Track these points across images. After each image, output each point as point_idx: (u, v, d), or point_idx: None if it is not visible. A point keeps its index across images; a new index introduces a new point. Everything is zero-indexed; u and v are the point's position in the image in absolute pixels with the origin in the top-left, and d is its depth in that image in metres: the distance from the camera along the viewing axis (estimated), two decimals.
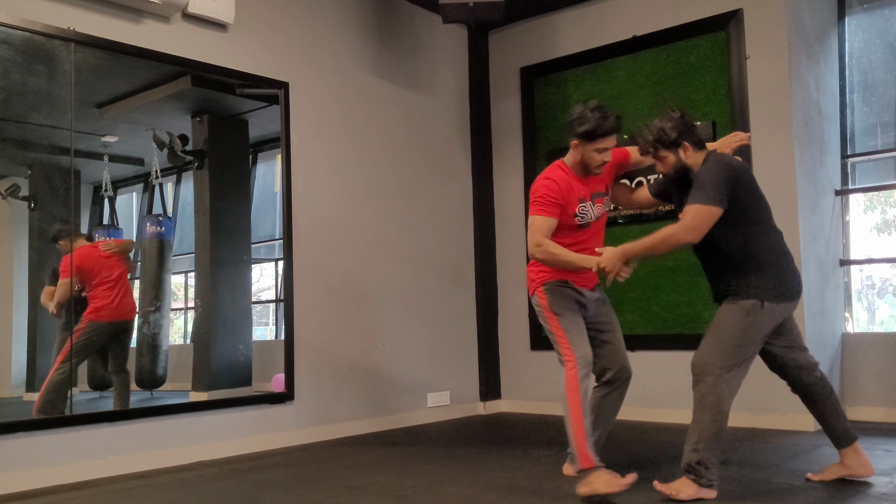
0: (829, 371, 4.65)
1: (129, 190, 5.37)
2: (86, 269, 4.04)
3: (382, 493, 3.14)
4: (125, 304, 4.07)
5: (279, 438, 4.42)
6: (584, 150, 3.10)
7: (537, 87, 5.77)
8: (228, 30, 4.38)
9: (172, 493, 3.31)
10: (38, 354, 4.32)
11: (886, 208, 5.12)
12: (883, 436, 4.15)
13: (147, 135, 4.76)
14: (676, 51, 5.05)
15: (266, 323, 5.47)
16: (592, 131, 3.05)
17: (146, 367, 4.84)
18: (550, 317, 3.16)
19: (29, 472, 3.44)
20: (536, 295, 3.23)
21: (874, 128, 5.03)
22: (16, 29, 3.55)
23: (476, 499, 3.01)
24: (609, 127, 3.06)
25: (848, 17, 5.13)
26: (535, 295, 3.23)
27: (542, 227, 3.07)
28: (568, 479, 3.28)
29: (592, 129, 3.05)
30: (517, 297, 5.76)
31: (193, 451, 4.03)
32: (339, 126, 4.96)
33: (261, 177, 5.22)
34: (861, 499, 2.81)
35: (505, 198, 5.91)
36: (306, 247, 4.67)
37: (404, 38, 5.47)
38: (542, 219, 3.08)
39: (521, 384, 5.73)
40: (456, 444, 4.40)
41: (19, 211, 4.37)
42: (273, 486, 3.37)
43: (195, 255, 4.88)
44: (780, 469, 3.36)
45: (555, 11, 5.64)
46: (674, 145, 3.00)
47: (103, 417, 3.78)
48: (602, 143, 3.08)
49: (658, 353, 4.93)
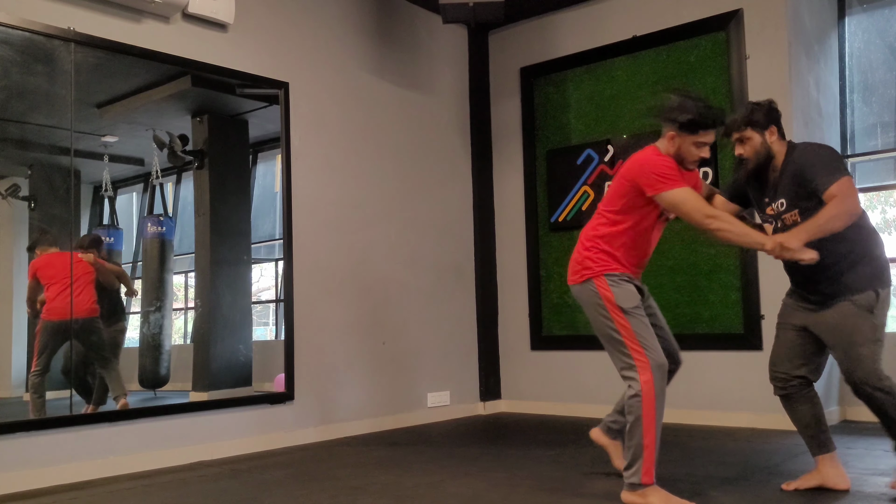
0: (830, 371, 4.64)
1: (129, 190, 5.38)
2: (41, 273, 4.08)
3: (382, 493, 3.14)
4: (79, 302, 4.03)
5: (279, 438, 4.42)
6: (683, 142, 2.83)
7: (537, 87, 5.77)
8: (228, 30, 4.38)
9: (173, 493, 3.31)
10: None
11: (886, 208, 5.13)
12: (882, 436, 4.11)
13: (147, 135, 4.76)
14: (676, 51, 5.06)
15: (266, 323, 5.47)
16: (695, 122, 2.79)
17: (148, 367, 4.85)
18: (618, 314, 2.82)
19: (29, 472, 3.44)
20: (595, 284, 2.86)
21: (874, 128, 5.03)
22: (16, 29, 3.55)
23: (476, 499, 3.01)
24: (713, 119, 2.82)
25: (848, 17, 5.13)
26: (593, 283, 2.87)
27: (696, 198, 2.77)
28: (568, 479, 3.28)
29: (696, 119, 2.79)
30: (517, 297, 5.76)
31: (194, 451, 4.03)
32: (339, 126, 4.96)
33: (261, 177, 5.22)
34: (861, 498, 2.81)
35: (505, 198, 5.91)
36: (306, 247, 4.67)
37: (404, 38, 5.47)
38: (687, 190, 2.77)
39: (521, 384, 5.73)
40: (456, 444, 4.40)
41: (19, 211, 4.37)
42: (273, 486, 3.37)
43: (195, 255, 4.88)
44: (779, 469, 3.36)
45: (555, 11, 5.64)
46: (762, 127, 2.86)
47: (103, 417, 3.78)
48: (703, 137, 2.82)
49: None
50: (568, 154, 5.54)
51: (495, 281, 5.93)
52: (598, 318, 2.87)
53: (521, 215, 5.77)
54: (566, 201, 5.52)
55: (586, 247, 2.93)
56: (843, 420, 4.71)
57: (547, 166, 5.66)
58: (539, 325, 5.64)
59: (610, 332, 2.84)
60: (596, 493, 3.04)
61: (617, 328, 2.81)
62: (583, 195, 5.44)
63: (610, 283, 2.84)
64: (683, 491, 2.97)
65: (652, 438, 2.73)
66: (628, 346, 2.79)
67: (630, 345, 2.78)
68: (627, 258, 2.89)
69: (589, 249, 2.92)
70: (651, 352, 2.77)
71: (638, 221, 2.87)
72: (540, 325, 5.64)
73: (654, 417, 2.72)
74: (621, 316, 2.80)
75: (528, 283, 5.69)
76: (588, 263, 2.90)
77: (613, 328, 2.82)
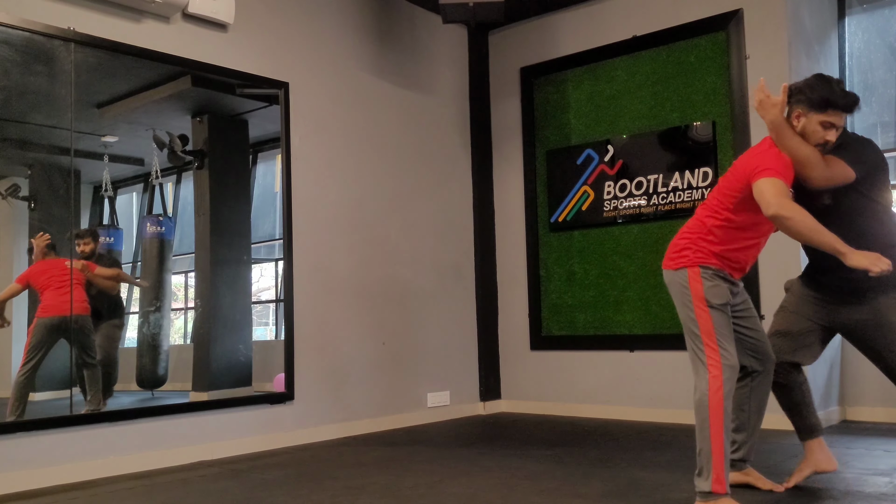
0: (830, 371, 4.65)
1: (129, 190, 5.38)
2: (34, 280, 4.13)
3: (382, 493, 3.14)
4: (71, 300, 4.05)
5: (279, 438, 4.42)
6: (809, 121, 2.70)
7: (537, 87, 5.77)
8: (228, 30, 4.38)
9: (173, 493, 3.31)
10: None
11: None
12: (882, 436, 4.15)
13: (147, 135, 4.76)
14: (676, 51, 5.06)
15: (266, 323, 5.47)
16: (826, 99, 2.65)
17: (146, 367, 4.85)
18: (701, 308, 2.68)
19: (29, 472, 3.44)
20: (687, 273, 2.72)
21: (874, 128, 5.03)
22: (16, 29, 3.56)
23: (476, 499, 3.01)
24: (846, 102, 2.68)
25: (848, 17, 5.13)
26: (685, 273, 2.73)
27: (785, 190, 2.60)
28: (567, 479, 3.28)
29: (826, 96, 2.65)
30: (517, 297, 5.77)
31: (194, 451, 4.04)
32: (339, 126, 4.96)
33: (261, 177, 5.22)
34: (861, 498, 2.81)
35: (505, 198, 5.91)
36: (306, 247, 4.68)
37: (404, 38, 5.47)
38: (784, 184, 2.61)
39: (521, 384, 5.73)
40: (456, 444, 4.40)
41: (19, 211, 4.37)
42: (273, 486, 3.37)
43: (195, 255, 4.88)
44: (779, 469, 3.36)
45: (555, 11, 5.64)
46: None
47: (104, 417, 3.79)
48: (831, 117, 2.67)
49: (658, 352, 4.94)
50: (568, 154, 5.54)
51: (495, 281, 5.93)
52: (683, 309, 2.74)
53: (521, 215, 5.77)
54: (566, 201, 5.52)
55: (689, 237, 2.78)
56: (843, 420, 4.71)
57: (547, 166, 5.66)
58: (539, 325, 5.64)
59: (690, 325, 2.71)
60: (596, 493, 3.04)
61: (699, 322, 2.67)
62: (583, 195, 5.43)
63: (703, 275, 2.70)
64: (683, 491, 2.97)
65: (720, 443, 2.58)
66: (703, 342, 2.66)
67: (706, 340, 2.65)
68: (729, 256, 2.74)
69: (690, 238, 2.77)
70: (725, 352, 2.64)
71: (747, 221, 2.72)
72: (540, 325, 5.64)
73: (721, 420, 2.59)
74: (706, 311, 2.67)
75: (528, 283, 5.69)
76: (686, 252, 2.75)
77: (693, 320, 2.69)
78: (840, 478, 3.14)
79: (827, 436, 3.19)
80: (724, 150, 4.81)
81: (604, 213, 5.32)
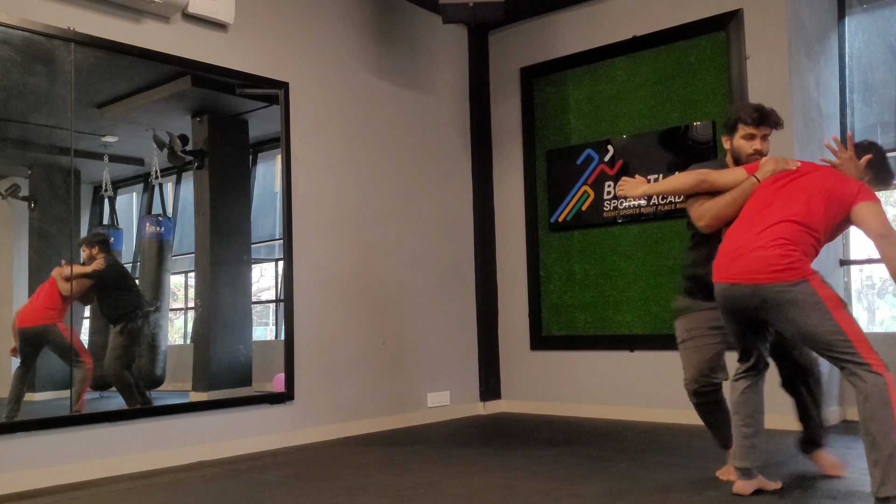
0: (829, 371, 4.64)
1: (129, 190, 5.38)
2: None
3: (382, 493, 3.14)
4: (34, 309, 4.07)
5: (279, 438, 4.42)
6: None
7: (537, 87, 5.77)
8: (228, 30, 4.38)
9: (173, 493, 3.31)
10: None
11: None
12: None
13: (147, 135, 4.76)
14: (676, 51, 5.06)
15: (266, 323, 5.47)
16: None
17: (144, 367, 4.84)
18: (841, 311, 2.60)
19: (29, 472, 3.44)
20: (810, 283, 2.61)
21: (874, 128, 5.03)
22: (16, 29, 3.56)
23: (476, 499, 3.01)
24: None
25: (848, 17, 5.13)
26: (806, 283, 2.61)
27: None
28: (567, 479, 3.28)
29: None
30: (517, 298, 5.77)
31: (193, 451, 4.03)
32: (339, 126, 4.96)
33: (261, 177, 5.22)
34: (861, 499, 2.81)
35: (505, 198, 5.91)
36: (306, 247, 4.68)
37: (404, 38, 5.47)
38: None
39: (521, 384, 5.73)
40: (456, 444, 4.40)
41: (19, 211, 4.37)
42: (273, 486, 3.37)
43: (195, 255, 4.88)
44: (779, 469, 3.36)
45: (555, 11, 5.64)
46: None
47: (103, 417, 3.78)
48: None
49: (657, 352, 4.93)
50: (568, 154, 5.54)
51: (495, 281, 5.93)
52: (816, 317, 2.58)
53: (521, 215, 5.77)
54: (566, 201, 5.52)
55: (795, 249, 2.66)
56: (843, 420, 4.71)
57: (547, 166, 5.66)
58: (539, 325, 5.64)
59: (831, 335, 2.56)
60: (595, 493, 3.04)
61: (841, 326, 2.55)
62: (583, 195, 5.43)
63: (825, 282, 2.65)
64: (683, 491, 2.97)
65: None
66: (855, 347, 2.53)
67: (858, 344, 2.54)
68: None
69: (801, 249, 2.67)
70: (875, 351, 2.56)
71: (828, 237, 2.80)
72: (539, 326, 5.64)
73: None
74: (845, 312, 2.60)
75: (528, 283, 5.69)
76: (798, 264, 2.63)
77: (837, 326, 2.55)
78: (840, 478, 3.14)
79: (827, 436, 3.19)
80: (723, 151, 4.79)
81: (604, 213, 5.32)
